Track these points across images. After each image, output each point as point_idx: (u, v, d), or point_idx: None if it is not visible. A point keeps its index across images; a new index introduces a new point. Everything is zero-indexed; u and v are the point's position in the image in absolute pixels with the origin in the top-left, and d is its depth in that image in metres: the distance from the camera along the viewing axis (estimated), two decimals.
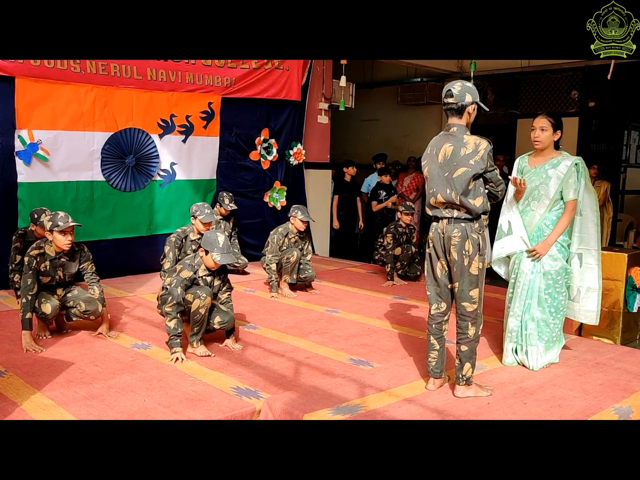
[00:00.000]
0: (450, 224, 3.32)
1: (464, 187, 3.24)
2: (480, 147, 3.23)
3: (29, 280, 4.06)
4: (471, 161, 3.23)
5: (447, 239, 3.33)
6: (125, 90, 6.19)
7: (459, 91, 3.27)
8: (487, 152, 3.24)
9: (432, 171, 3.37)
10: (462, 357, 3.40)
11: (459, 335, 3.42)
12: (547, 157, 3.92)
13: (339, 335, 4.56)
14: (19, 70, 5.50)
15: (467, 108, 3.29)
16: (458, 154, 3.26)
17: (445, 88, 3.35)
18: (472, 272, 3.32)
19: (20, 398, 3.23)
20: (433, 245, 3.42)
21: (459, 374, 3.41)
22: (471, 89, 3.31)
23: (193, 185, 6.93)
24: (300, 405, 3.20)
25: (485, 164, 3.24)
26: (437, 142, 3.41)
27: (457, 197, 3.26)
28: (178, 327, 3.86)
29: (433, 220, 3.45)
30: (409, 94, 11.16)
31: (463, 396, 3.40)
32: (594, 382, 3.70)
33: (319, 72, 8.19)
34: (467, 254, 3.29)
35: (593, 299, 4.05)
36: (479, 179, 3.28)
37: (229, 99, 7.03)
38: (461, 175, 3.24)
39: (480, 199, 3.29)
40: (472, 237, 3.30)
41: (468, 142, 3.26)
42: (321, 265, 7.32)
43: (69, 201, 5.96)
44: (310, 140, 8.20)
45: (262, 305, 5.42)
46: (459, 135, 3.30)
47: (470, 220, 3.31)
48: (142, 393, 3.36)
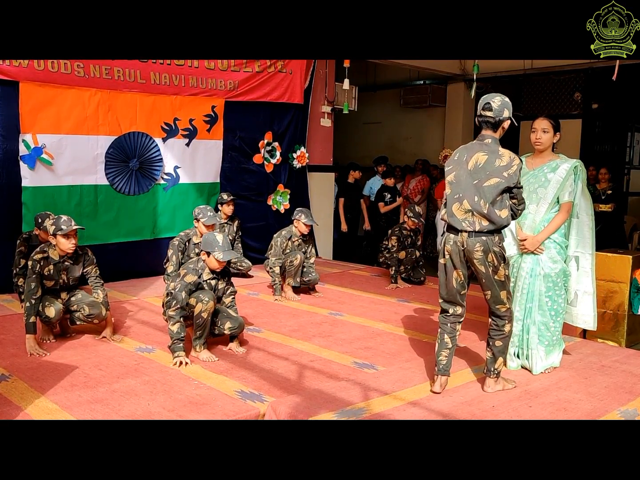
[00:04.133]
0: (472, 237, 3.31)
1: (493, 197, 3.26)
2: (514, 162, 3.28)
3: (33, 284, 4.07)
4: (505, 173, 3.25)
5: (469, 252, 3.34)
6: (128, 94, 6.21)
7: (498, 106, 3.32)
8: (519, 169, 3.28)
9: (460, 177, 3.37)
10: (495, 352, 3.47)
11: (494, 332, 3.47)
12: (545, 159, 3.91)
13: (343, 339, 4.55)
14: (23, 74, 5.51)
15: (503, 123, 3.35)
16: (492, 164, 3.28)
17: (483, 100, 3.37)
18: (499, 279, 3.37)
19: (24, 402, 3.23)
20: (450, 256, 3.40)
21: (491, 367, 3.49)
22: (509, 105, 3.36)
23: (197, 188, 6.94)
24: (305, 408, 3.19)
25: (517, 179, 3.28)
26: (467, 149, 3.41)
27: (486, 206, 3.26)
28: (181, 331, 3.86)
29: (449, 231, 3.43)
30: (411, 97, 11.17)
31: (492, 391, 3.50)
32: (599, 384, 3.69)
33: (322, 75, 8.19)
34: (492, 265, 3.33)
35: (589, 303, 4.02)
36: (506, 193, 3.31)
37: (232, 102, 7.04)
38: (493, 185, 3.26)
39: (506, 211, 3.30)
40: (495, 250, 3.32)
41: (504, 155, 3.29)
42: (325, 268, 7.31)
43: (73, 205, 5.97)
44: (313, 143, 8.20)
45: (266, 308, 5.41)
46: (493, 146, 3.33)
47: (492, 233, 3.31)
48: (146, 397, 3.36)
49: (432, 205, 9.37)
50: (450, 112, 10.91)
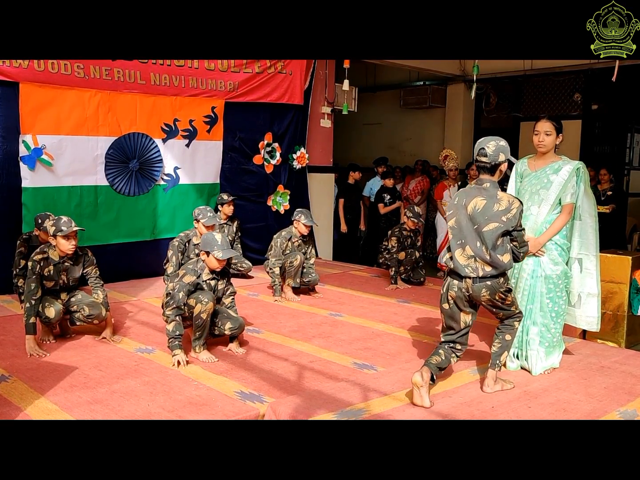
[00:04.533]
0: (476, 283, 3.32)
1: (493, 242, 3.27)
2: (513, 205, 3.29)
3: (33, 284, 4.07)
4: (503, 218, 3.27)
5: (475, 297, 3.37)
6: (128, 95, 6.21)
7: (493, 151, 3.31)
8: (519, 212, 3.29)
9: (460, 222, 3.39)
10: (503, 345, 3.49)
11: (504, 327, 3.51)
12: (547, 161, 3.91)
13: (343, 339, 4.55)
14: (23, 75, 5.51)
15: (500, 166, 3.34)
16: (490, 209, 3.29)
17: (478, 145, 3.38)
18: (508, 303, 3.43)
19: (24, 403, 3.23)
20: (454, 302, 3.40)
21: (496, 361, 3.50)
22: (504, 148, 3.34)
23: (196, 189, 6.94)
24: (304, 409, 3.19)
25: (516, 222, 3.29)
26: (467, 193, 3.42)
27: (488, 252, 3.28)
28: (177, 330, 3.86)
29: (451, 276, 3.42)
30: (411, 98, 11.18)
31: (492, 391, 3.50)
32: (599, 385, 3.69)
33: (322, 76, 8.20)
34: (501, 300, 3.38)
35: (593, 304, 4.01)
36: (506, 236, 3.32)
37: (232, 103, 7.04)
38: (492, 230, 3.27)
39: (508, 255, 3.32)
40: (501, 290, 3.35)
41: (502, 199, 3.30)
42: (324, 268, 7.31)
43: (73, 206, 5.97)
44: (313, 144, 8.21)
45: (266, 309, 5.41)
46: (492, 191, 3.34)
47: (496, 277, 3.32)
48: (146, 397, 3.36)
49: (432, 206, 9.36)
50: (450, 113, 10.92)
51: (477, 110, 10.88)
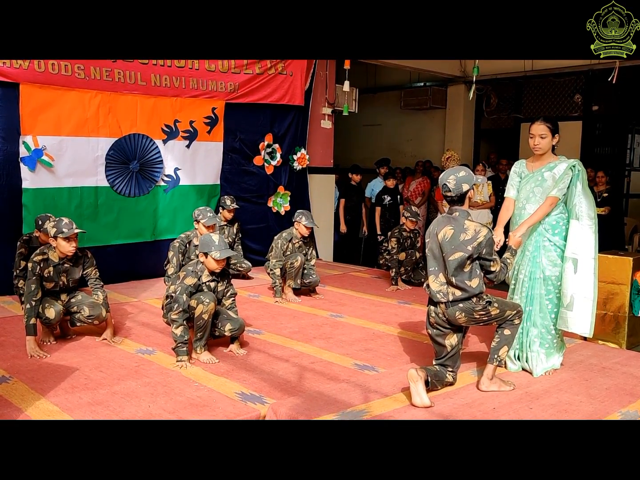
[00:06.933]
0: (449, 307, 3.44)
1: (458, 270, 3.37)
2: (479, 234, 3.36)
3: (33, 285, 4.06)
4: (469, 247, 3.37)
5: (453, 320, 3.45)
6: (129, 96, 6.21)
7: (454, 185, 3.41)
8: (486, 239, 3.35)
9: (433, 250, 3.52)
10: (502, 339, 3.52)
11: (504, 323, 3.52)
12: (544, 162, 3.90)
13: (344, 340, 4.55)
14: (23, 76, 5.51)
15: (467, 195, 3.45)
16: (457, 238, 3.39)
17: (440, 182, 3.50)
18: (495, 313, 3.46)
19: (24, 404, 3.23)
20: (437, 326, 3.51)
21: (495, 355, 3.53)
22: (465, 177, 3.42)
23: (197, 190, 6.94)
24: (305, 410, 3.19)
25: (482, 249, 3.36)
26: (439, 222, 3.54)
27: (453, 279, 3.39)
28: (184, 335, 3.86)
29: (429, 304, 3.56)
30: (412, 99, 11.18)
31: (487, 389, 3.53)
32: (600, 386, 3.68)
33: (322, 77, 8.20)
34: (484, 316, 3.44)
35: (587, 308, 3.80)
36: (475, 262, 3.40)
37: (233, 104, 7.04)
38: (457, 259, 3.37)
39: (477, 280, 3.41)
40: (477, 309, 3.41)
41: (468, 229, 3.39)
42: (325, 270, 7.31)
43: (74, 207, 5.97)
44: (313, 145, 8.21)
45: (267, 310, 5.41)
46: (460, 220, 3.43)
47: (468, 299, 3.41)
48: (147, 399, 3.36)
49: (433, 207, 9.37)
50: (450, 114, 10.92)
51: (477, 112, 10.89)
